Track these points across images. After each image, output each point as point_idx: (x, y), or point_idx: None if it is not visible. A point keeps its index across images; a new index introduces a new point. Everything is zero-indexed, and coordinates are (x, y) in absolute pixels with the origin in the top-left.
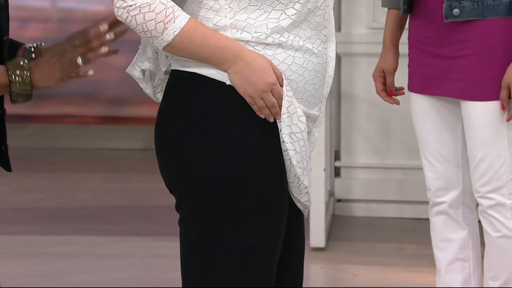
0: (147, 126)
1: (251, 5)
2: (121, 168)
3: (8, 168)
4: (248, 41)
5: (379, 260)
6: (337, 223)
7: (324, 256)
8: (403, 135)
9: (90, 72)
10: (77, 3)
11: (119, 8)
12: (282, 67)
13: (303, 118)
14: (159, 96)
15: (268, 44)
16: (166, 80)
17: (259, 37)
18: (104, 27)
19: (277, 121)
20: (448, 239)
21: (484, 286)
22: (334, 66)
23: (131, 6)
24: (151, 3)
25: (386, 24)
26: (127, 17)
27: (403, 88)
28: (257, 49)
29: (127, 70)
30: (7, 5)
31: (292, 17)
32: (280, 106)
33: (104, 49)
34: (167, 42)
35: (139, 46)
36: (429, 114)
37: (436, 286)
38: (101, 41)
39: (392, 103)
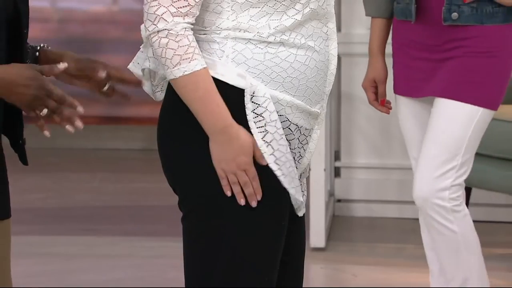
0: (147, 126)
1: (253, 7)
2: (121, 168)
3: (25, 162)
4: (250, 39)
5: (379, 260)
6: (337, 223)
7: (324, 256)
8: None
9: (46, 133)
10: (77, 3)
11: (151, 32)
12: (284, 65)
13: (283, 141)
14: (159, 95)
15: (270, 43)
16: (167, 80)
17: (261, 35)
18: (80, 110)
19: (262, 151)
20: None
21: (444, 286)
22: (336, 64)
23: (160, 30)
24: (179, 33)
25: (373, 33)
26: (154, 36)
27: (390, 102)
28: (260, 47)
29: (128, 67)
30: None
31: (294, 17)
32: (254, 188)
33: (68, 128)
34: (174, 77)
35: (141, 46)
36: (416, 116)
37: (431, 287)
38: (70, 117)
39: (386, 112)
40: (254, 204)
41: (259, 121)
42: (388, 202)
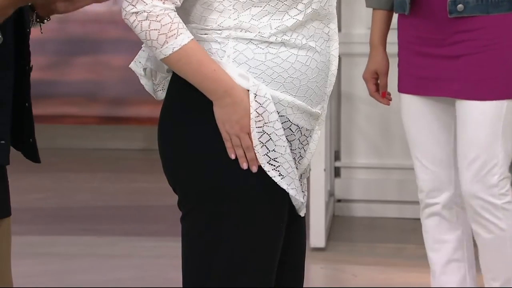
0: (147, 126)
1: (255, 6)
2: (121, 168)
3: (37, 160)
4: (251, 39)
5: (379, 260)
6: (337, 223)
7: (324, 256)
8: (403, 135)
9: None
10: None
11: (127, 12)
12: (285, 65)
13: (281, 142)
14: (160, 94)
15: (271, 43)
16: (169, 79)
17: (262, 35)
18: None
19: (256, 152)
20: (442, 240)
21: (486, 286)
22: (337, 65)
23: (139, 12)
24: (159, 13)
25: (374, 24)
26: (134, 21)
27: (390, 94)
28: (261, 48)
29: (130, 66)
30: None
31: (296, 17)
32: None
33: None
34: (164, 56)
35: (142, 45)
36: (422, 115)
37: (432, 287)
38: None
39: (386, 103)
40: (254, 169)
41: (259, 121)
42: (388, 202)
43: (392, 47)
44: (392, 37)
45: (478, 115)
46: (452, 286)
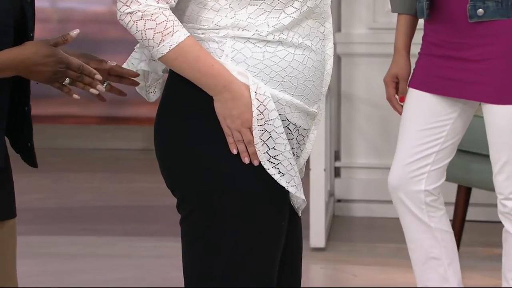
0: (147, 126)
1: (251, 5)
2: (121, 168)
3: (34, 164)
4: (249, 38)
5: (379, 260)
6: (337, 223)
7: (324, 256)
8: None
9: (75, 96)
10: (77, 3)
11: (122, 12)
12: (283, 64)
13: (281, 140)
14: (151, 96)
15: (268, 41)
16: (160, 81)
17: (260, 34)
18: (98, 77)
19: (257, 149)
20: (416, 239)
21: (504, 286)
22: (332, 64)
23: (133, 12)
24: (153, 12)
25: (398, 29)
26: (129, 21)
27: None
28: (258, 46)
29: (123, 66)
30: (33, 3)
31: (292, 15)
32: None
33: (93, 91)
34: (161, 54)
35: (135, 47)
36: (431, 113)
37: (417, 287)
38: (92, 82)
39: (399, 111)
40: (256, 162)
41: (260, 119)
42: (388, 202)
43: (413, 47)
44: (414, 38)
45: (506, 119)
46: (433, 285)
